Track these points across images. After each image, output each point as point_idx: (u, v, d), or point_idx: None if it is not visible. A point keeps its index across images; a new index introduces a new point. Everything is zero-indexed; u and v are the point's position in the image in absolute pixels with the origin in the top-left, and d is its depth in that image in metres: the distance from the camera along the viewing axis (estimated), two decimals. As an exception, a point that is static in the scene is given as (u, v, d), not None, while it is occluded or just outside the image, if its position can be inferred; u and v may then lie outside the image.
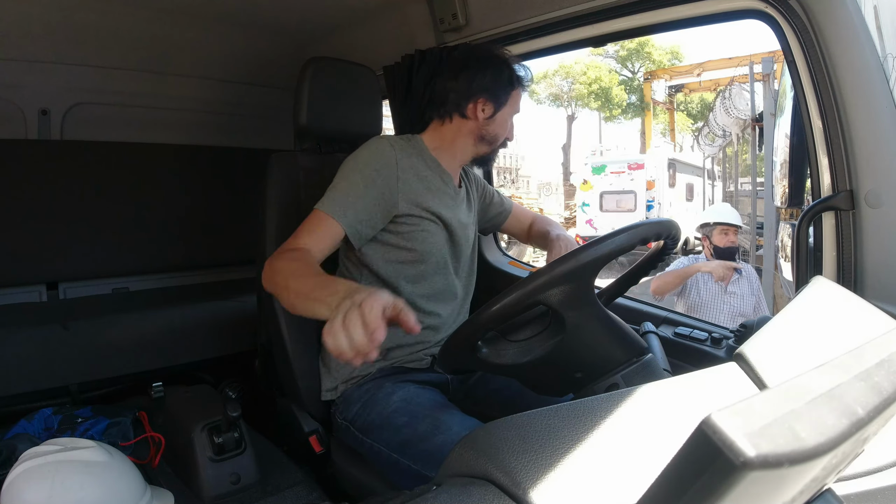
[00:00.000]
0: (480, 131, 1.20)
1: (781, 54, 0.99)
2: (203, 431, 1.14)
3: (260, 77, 1.99)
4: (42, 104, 1.70)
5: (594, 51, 15.33)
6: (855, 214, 0.94)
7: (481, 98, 1.17)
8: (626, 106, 17.58)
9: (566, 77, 17.89)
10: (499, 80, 1.18)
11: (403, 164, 1.12)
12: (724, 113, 7.80)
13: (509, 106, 1.21)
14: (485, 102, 1.18)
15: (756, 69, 6.20)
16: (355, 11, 1.60)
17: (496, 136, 1.21)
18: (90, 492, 0.97)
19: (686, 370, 0.68)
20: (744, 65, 9.16)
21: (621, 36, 1.35)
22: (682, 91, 11.04)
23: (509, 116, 1.22)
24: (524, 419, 0.53)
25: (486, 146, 1.22)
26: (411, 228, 1.13)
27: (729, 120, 7.72)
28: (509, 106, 1.21)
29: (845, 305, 0.81)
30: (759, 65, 5.86)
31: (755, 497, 0.27)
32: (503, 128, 1.22)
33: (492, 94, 1.17)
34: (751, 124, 6.72)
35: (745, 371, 0.64)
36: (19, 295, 1.69)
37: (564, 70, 17.72)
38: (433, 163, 1.20)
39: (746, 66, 9.14)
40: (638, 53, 16.81)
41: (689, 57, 16.79)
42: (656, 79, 12.03)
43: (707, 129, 9.25)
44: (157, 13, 1.55)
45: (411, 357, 1.17)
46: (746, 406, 0.26)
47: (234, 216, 1.92)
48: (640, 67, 17.03)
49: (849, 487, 0.52)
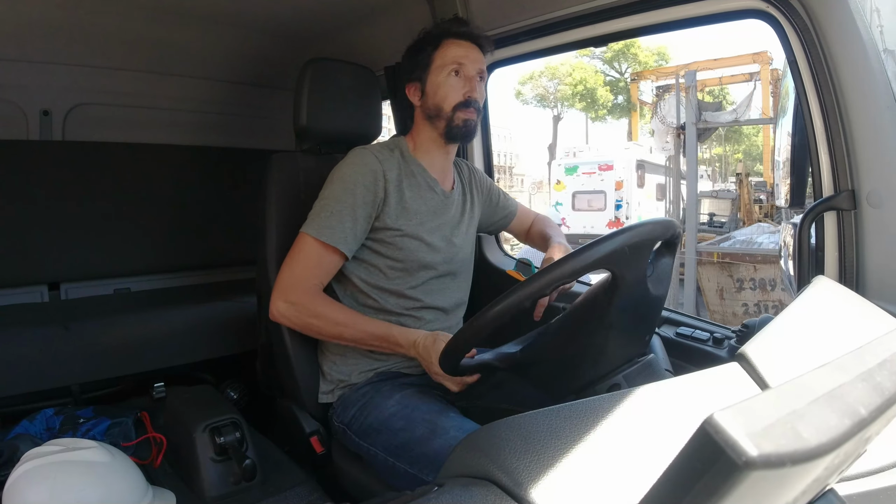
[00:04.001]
0: (424, 112, 1.17)
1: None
2: (205, 432, 1.14)
3: (260, 78, 1.99)
4: (44, 105, 1.70)
5: (581, 52, 15.49)
6: (856, 214, 0.94)
7: (409, 83, 1.17)
8: (613, 106, 17.64)
9: (552, 78, 17.97)
10: (414, 55, 1.16)
11: (389, 176, 1.12)
12: (660, 122, 8.09)
13: (435, 69, 1.14)
14: (413, 84, 1.17)
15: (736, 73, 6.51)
16: (356, 12, 1.60)
17: (437, 106, 1.14)
18: (92, 492, 0.97)
19: (688, 370, 0.68)
20: (728, 66, 9.60)
21: (621, 36, 1.35)
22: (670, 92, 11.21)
23: (443, 77, 1.14)
24: (526, 419, 0.53)
25: (439, 121, 1.15)
26: (392, 240, 1.13)
27: (663, 128, 7.97)
28: (435, 69, 1.14)
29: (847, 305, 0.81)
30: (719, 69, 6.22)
31: (757, 497, 0.27)
32: (440, 92, 1.14)
33: (412, 73, 1.16)
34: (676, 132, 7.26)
35: (747, 371, 0.64)
36: (21, 295, 1.69)
37: (550, 71, 17.81)
38: (417, 167, 1.19)
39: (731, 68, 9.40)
40: (624, 54, 16.85)
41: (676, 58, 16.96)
42: (643, 79, 12.17)
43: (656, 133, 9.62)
44: (159, 14, 1.55)
45: (409, 364, 1.17)
46: (749, 406, 0.26)
47: (235, 217, 1.92)
48: (627, 68, 17.06)
49: (851, 487, 0.52)
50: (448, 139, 1.18)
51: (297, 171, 1.27)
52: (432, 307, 1.18)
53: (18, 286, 1.68)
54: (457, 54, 1.14)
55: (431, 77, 1.15)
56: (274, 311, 1.10)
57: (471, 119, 1.15)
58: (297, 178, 1.27)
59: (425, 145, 1.20)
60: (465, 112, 1.14)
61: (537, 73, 17.75)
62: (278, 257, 1.22)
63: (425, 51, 1.15)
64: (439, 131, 1.17)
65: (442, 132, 1.16)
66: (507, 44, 1.47)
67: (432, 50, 1.15)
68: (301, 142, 1.33)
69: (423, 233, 1.15)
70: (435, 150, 1.20)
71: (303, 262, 1.09)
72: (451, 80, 1.14)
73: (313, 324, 1.09)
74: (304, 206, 1.25)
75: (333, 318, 1.09)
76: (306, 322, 1.10)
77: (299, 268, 1.09)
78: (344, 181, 1.10)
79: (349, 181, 1.10)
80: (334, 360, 1.18)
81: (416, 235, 1.14)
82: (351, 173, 1.11)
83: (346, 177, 1.11)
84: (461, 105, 1.14)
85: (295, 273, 1.09)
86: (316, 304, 1.09)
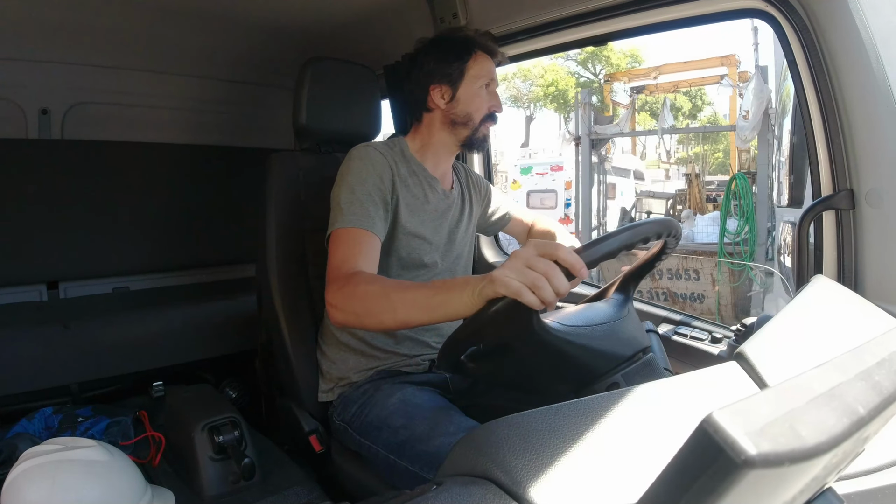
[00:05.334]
0: (450, 117, 1.15)
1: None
2: (203, 431, 1.14)
3: (260, 77, 1.99)
4: (42, 104, 1.70)
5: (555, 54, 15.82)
6: (855, 214, 0.94)
7: (435, 85, 1.15)
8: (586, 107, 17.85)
9: (525, 79, 18.08)
10: (446, 57, 1.14)
11: (396, 170, 1.12)
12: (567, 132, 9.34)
13: (470, 77, 1.14)
14: (440, 87, 1.15)
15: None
16: (355, 11, 1.60)
17: (468, 115, 1.15)
18: (90, 491, 0.97)
19: (687, 369, 0.68)
20: (698, 69, 10.13)
21: (621, 35, 1.35)
22: (644, 92, 11.51)
23: (476, 88, 1.15)
24: (525, 418, 0.53)
25: (464, 129, 1.16)
26: (395, 237, 1.12)
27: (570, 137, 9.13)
28: (470, 77, 1.14)
29: (846, 304, 0.82)
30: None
31: (756, 496, 0.27)
32: (473, 103, 1.15)
33: (443, 75, 1.14)
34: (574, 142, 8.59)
35: (745, 370, 0.64)
36: (20, 294, 1.69)
37: (523, 73, 17.91)
38: (418, 167, 1.18)
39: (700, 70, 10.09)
40: (597, 56, 16.96)
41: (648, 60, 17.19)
42: (616, 80, 12.39)
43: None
44: (158, 13, 1.55)
45: (409, 363, 1.17)
46: (747, 405, 0.26)
47: (235, 216, 1.92)
48: (602, 70, 17.17)
49: (849, 486, 0.52)
50: (467, 147, 1.19)
51: (297, 170, 1.27)
52: None
53: (17, 285, 1.68)
54: (490, 70, 1.17)
55: (465, 85, 1.14)
56: (329, 312, 0.95)
57: (489, 133, 1.22)
58: (297, 178, 1.27)
59: (435, 148, 1.19)
60: (488, 125, 1.19)
61: (510, 74, 17.88)
62: (277, 256, 1.22)
63: (461, 58, 1.15)
64: (459, 138, 1.17)
65: (462, 139, 1.17)
66: (506, 43, 1.47)
67: (468, 58, 1.14)
68: (300, 141, 1.33)
69: (425, 231, 1.15)
70: (443, 154, 1.20)
71: (338, 253, 1.01)
72: (482, 93, 1.16)
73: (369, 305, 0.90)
74: (303, 205, 1.24)
75: (378, 290, 0.90)
76: (354, 305, 0.92)
77: (336, 259, 1.01)
78: (355, 174, 1.08)
79: (361, 173, 1.08)
80: (334, 358, 1.18)
81: (418, 233, 1.14)
82: (360, 167, 1.09)
83: (356, 170, 1.08)
84: (487, 118, 1.17)
85: (333, 265, 1.00)
86: (356, 279, 0.94)
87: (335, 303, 0.93)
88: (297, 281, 1.25)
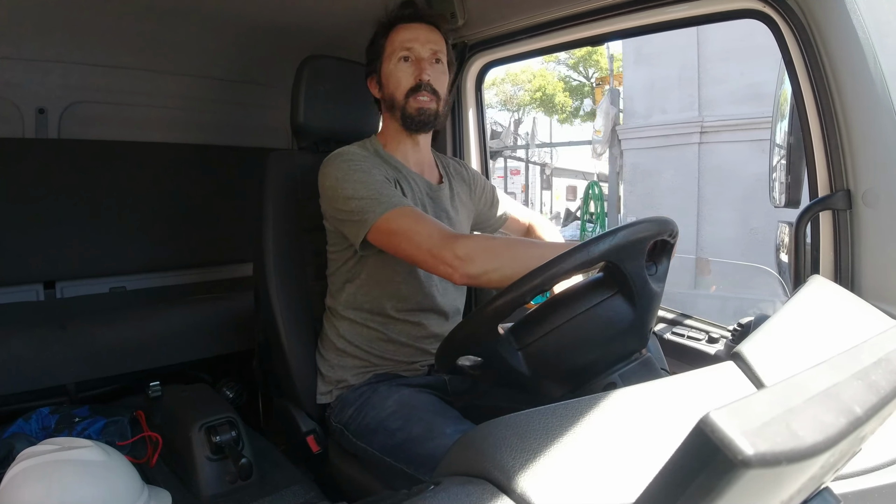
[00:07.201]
0: (385, 104, 1.16)
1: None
2: (201, 430, 1.14)
3: (257, 75, 1.99)
4: (39, 103, 1.69)
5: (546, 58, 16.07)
6: (852, 214, 0.94)
7: (370, 77, 1.17)
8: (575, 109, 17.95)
9: (514, 84, 18.30)
10: (372, 46, 1.15)
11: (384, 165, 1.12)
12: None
13: (386, 57, 1.12)
14: (371, 78, 1.17)
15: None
16: (353, 9, 1.60)
17: (391, 95, 1.12)
18: (87, 491, 0.97)
19: (684, 369, 0.68)
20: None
21: (619, 36, 1.35)
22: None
23: (393, 65, 1.11)
24: (522, 418, 0.53)
25: (395, 110, 1.13)
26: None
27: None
28: (386, 57, 1.12)
29: (842, 304, 0.82)
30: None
31: (753, 495, 0.27)
32: (391, 80, 1.12)
33: (370, 64, 1.16)
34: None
35: (742, 370, 0.65)
36: (16, 294, 1.68)
37: (511, 77, 18.18)
38: (396, 162, 1.17)
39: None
40: (587, 60, 17.08)
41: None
42: (607, 84, 12.48)
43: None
44: (155, 12, 1.54)
45: (407, 368, 1.16)
46: (744, 405, 0.26)
47: (232, 215, 1.91)
48: (594, 73, 17.29)
49: (847, 486, 0.52)
50: (408, 128, 1.13)
51: (294, 169, 1.27)
52: (430, 310, 1.17)
53: (13, 284, 1.68)
54: (404, 38, 1.10)
55: (384, 66, 1.13)
56: (458, 267, 0.90)
57: (425, 106, 1.10)
58: (294, 176, 1.26)
59: (395, 139, 1.18)
60: (418, 97, 1.09)
61: (499, 79, 18.13)
62: (275, 255, 1.21)
63: (379, 42, 1.14)
64: (399, 120, 1.14)
65: (402, 121, 1.13)
66: (504, 43, 1.47)
67: (383, 38, 1.13)
68: (298, 139, 1.32)
69: None
70: (403, 141, 1.18)
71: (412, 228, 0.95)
72: (401, 67, 1.10)
73: (497, 256, 0.90)
74: (300, 204, 1.24)
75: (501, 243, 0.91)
76: (488, 257, 0.90)
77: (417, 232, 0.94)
78: (355, 171, 1.05)
79: (360, 167, 1.06)
80: (332, 361, 1.17)
81: None
82: (355, 165, 1.06)
83: (353, 169, 1.05)
84: (412, 90, 1.09)
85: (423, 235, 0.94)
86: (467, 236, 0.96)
87: (462, 254, 0.89)
88: (294, 280, 1.24)
